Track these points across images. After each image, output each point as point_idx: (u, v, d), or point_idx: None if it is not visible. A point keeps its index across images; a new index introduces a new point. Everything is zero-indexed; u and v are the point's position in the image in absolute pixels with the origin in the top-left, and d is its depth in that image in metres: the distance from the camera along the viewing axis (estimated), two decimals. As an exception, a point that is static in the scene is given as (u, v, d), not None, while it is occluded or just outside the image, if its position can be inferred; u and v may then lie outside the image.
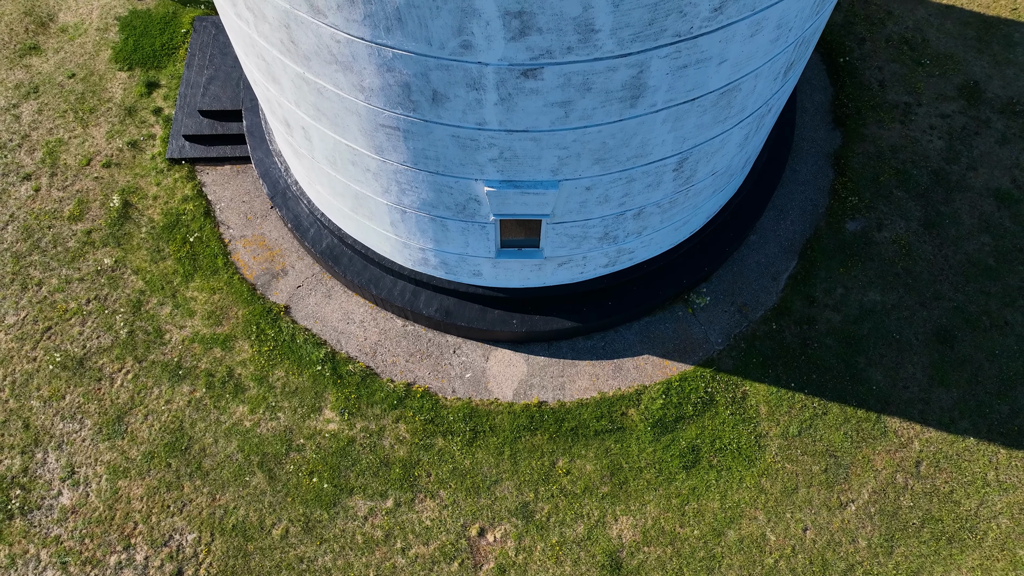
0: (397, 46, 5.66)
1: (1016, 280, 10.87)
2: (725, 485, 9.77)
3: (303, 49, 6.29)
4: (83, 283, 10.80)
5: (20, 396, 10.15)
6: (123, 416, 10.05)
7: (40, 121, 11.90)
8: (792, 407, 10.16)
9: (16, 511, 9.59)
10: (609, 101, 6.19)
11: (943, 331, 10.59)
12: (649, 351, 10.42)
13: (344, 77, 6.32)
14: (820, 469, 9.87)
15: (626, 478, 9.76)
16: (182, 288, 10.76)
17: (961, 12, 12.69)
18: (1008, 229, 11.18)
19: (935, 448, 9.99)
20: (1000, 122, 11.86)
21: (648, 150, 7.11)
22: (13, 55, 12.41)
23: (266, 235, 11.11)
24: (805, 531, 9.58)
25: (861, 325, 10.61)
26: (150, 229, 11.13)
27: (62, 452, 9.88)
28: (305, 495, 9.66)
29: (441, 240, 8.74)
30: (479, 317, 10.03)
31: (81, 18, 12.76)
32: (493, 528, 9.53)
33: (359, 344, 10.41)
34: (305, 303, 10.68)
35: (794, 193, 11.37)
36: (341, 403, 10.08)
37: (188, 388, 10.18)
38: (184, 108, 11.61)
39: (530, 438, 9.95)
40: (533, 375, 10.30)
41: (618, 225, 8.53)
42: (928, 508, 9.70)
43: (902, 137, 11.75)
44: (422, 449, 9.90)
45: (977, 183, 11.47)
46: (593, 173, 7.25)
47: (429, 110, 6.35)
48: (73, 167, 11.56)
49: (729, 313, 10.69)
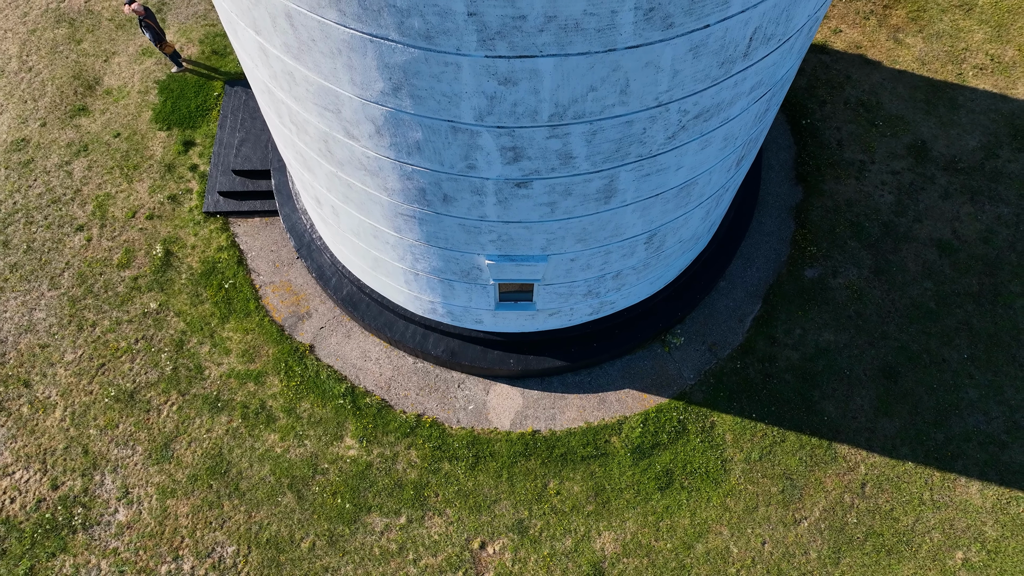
0: (416, 164, 7.12)
1: (954, 322, 12.33)
2: (695, 504, 11.23)
3: (337, 157, 7.75)
4: (132, 324, 12.26)
5: (79, 425, 11.62)
6: (169, 443, 11.51)
7: (90, 177, 13.37)
8: (754, 435, 11.62)
9: (79, 526, 11.05)
10: (587, 201, 7.66)
11: (888, 367, 12.05)
12: (630, 385, 11.87)
13: (371, 179, 7.79)
14: (778, 490, 11.32)
15: (608, 498, 11.22)
16: (219, 329, 12.23)
17: (912, 77, 14.16)
18: (948, 276, 12.63)
19: (878, 471, 11.45)
20: (943, 178, 13.32)
21: (621, 231, 8.58)
22: (64, 116, 13.87)
23: (292, 281, 12.58)
24: (764, 544, 11.03)
25: (816, 362, 12.07)
26: (189, 276, 12.60)
27: (117, 475, 11.34)
28: (329, 513, 11.11)
29: (448, 296, 10.19)
30: (480, 357, 11.49)
31: (124, 81, 14.23)
32: (492, 542, 10.99)
33: (375, 379, 11.87)
34: (327, 342, 12.14)
35: (759, 243, 12.83)
36: (360, 432, 11.54)
37: (226, 418, 11.64)
38: (218, 166, 13.07)
39: (525, 463, 11.41)
40: (528, 407, 11.76)
41: (600, 284, 9.99)
42: (871, 524, 11.15)
43: (856, 192, 13.22)
44: (431, 472, 11.35)
45: (922, 234, 12.93)
46: (576, 249, 8.71)
47: (440, 206, 7.81)
48: (120, 219, 13.03)
49: (700, 351, 12.15)
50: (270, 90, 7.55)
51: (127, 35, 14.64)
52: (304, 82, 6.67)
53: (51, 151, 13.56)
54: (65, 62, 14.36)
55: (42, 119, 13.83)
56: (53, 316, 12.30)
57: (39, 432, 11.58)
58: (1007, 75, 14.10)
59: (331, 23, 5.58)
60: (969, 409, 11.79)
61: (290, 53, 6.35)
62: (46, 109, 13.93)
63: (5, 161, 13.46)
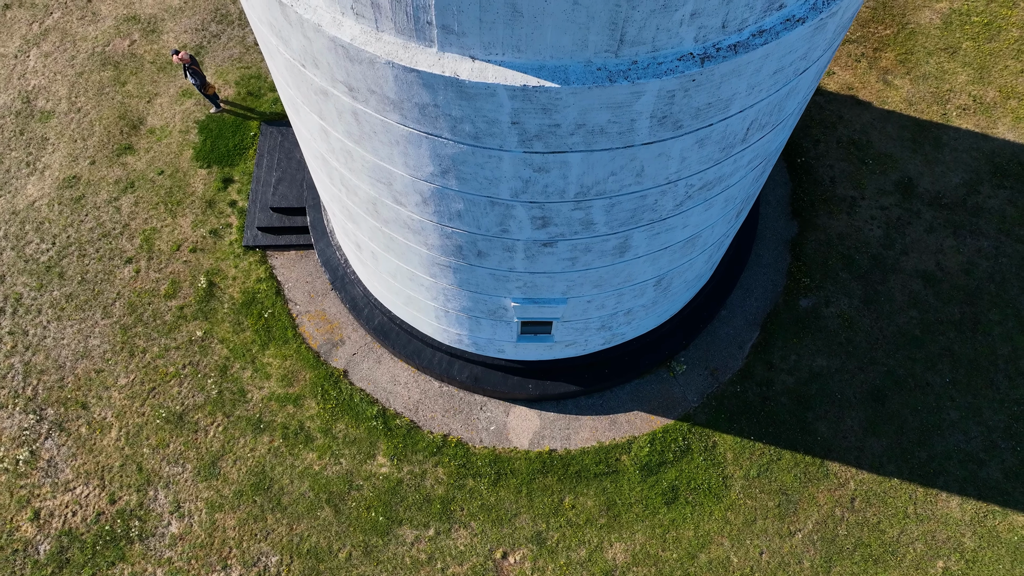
0: (456, 228, 8.16)
1: (937, 348, 13.36)
2: (698, 517, 12.26)
3: (383, 216, 8.79)
4: (179, 351, 13.31)
5: (133, 445, 12.67)
6: (216, 461, 12.56)
7: (137, 212, 14.42)
8: (753, 453, 12.65)
9: (135, 537, 12.10)
10: (603, 255, 8.70)
11: (876, 391, 13.08)
12: (638, 408, 12.91)
13: (413, 236, 8.83)
14: (774, 504, 12.36)
15: (619, 512, 12.25)
16: (259, 355, 13.28)
17: (900, 117, 15.19)
18: (932, 305, 13.66)
19: (867, 487, 12.48)
20: (928, 213, 14.35)
21: (633, 277, 9.62)
22: (111, 155, 14.93)
23: (326, 311, 13.62)
24: (761, 554, 12.06)
25: (810, 386, 13.11)
26: (231, 305, 13.65)
27: (169, 490, 12.39)
28: (364, 525, 12.16)
29: (474, 329, 11.23)
30: (502, 382, 12.53)
31: (166, 121, 15.29)
32: (513, 552, 12.03)
33: (404, 402, 12.92)
34: (360, 368, 13.19)
35: (758, 275, 13.87)
36: (391, 451, 12.58)
37: (268, 438, 12.69)
38: (256, 203, 14.12)
39: (542, 479, 12.45)
40: (544, 428, 12.80)
41: (612, 319, 11.03)
42: (859, 535, 12.18)
43: (848, 226, 14.25)
44: (456, 488, 12.39)
45: (908, 266, 13.96)
46: (592, 292, 9.75)
47: (474, 260, 8.85)
48: (166, 252, 14.08)
49: (703, 376, 13.19)
50: (324, 158, 8.60)
51: (168, 77, 15.69)
52: (361, 159, 7.72)
53: (100, 188, 14.62)
54: (111, 103, 15.42)
55: (91, 157, 14.89)
56: (107, 343, 13.35)
57: (97, 451, 12.63)
58: (988, 115, 15.13)
59: (393, 123, 6.62)
60: (950, 429, 12.82)
61: (351, 138, 7.40)
62: (95, 148, 14.99)
63: (58, 197, 14.52)
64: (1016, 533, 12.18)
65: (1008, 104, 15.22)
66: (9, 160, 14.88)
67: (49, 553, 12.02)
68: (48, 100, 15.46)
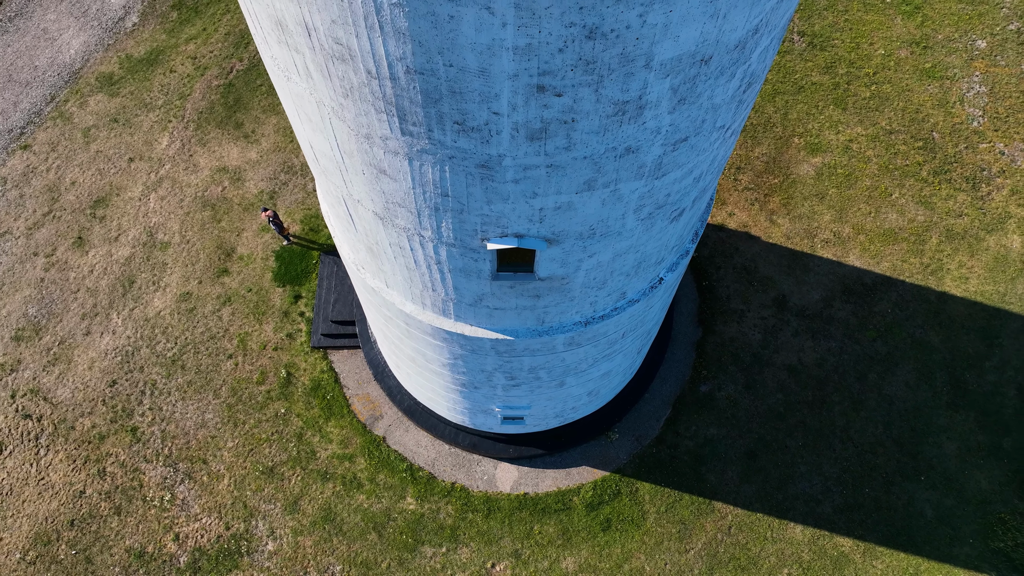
0: (461, 378, 14.02)
1: (794, 421, 19.23)
2: (624, 539, 18.13)
3: (418, 363, 14.65)
4: (268, 423, 19.20)
5: (239, 489, 18.54)
6: (297, 501, 18.43)
7: (234, 320, 20.31)
8: (663, 496, 18.52)
9: (244, 553, 17.97)
10: (551, 388, 14.55)
11: (750, 451, 18.95)
12: (585, 464, 18.79)
13: (436, 376, 14.68)
14: (676, 531, 18.23)
15: (570, 536, 18.12)
16: (324, 425, 19.16)
17: (780, 248, 21.07)
18: (793, 390, 19.54)
19: (740, 519, 18.34)
20: (795, 322, 20.24)
21: (572, 394, 15.47)
22: (213, 276, 20.83)
23: (370, 394, 19.51)
24: (666, 565, 17.92)
25: (704, 448, 18.98)
26: (303, 390, 19.54)
27: (265, 521, 18.26)
28: (398, 545, 18.02)
29: (472, 416, 17.11)
30: (491, 447, 18.41)
31: (251, 251, 21.19)
32: (499, 563, 17.89)
33: (425, 460, 18.80)
34: (394, 435, 19.07)
35: (671, 368, 19.76)
36: (416, 494, 18.45)
37: (331, 485, 18.56)
38: (319, 315, 20.01)
39: (519, 513, 18.32)
40: (521, 478, 18.68)
41: (563, 410, 16.90)
42: (733, 552, 18.04)
43: (737, 332, 20.14)
44: (460, 519, 18.26)
45: (778, 360, 19.84)
46: (547, 403, 15.61)
47: (472, 390, 14.71)
48: (255, 350, 19.98)
49: (631, 441, 19.06)
50: (384, 332, 14.45)
51: (251, 216, 21.59)
52: (409, 344, 13.59)
53: (206, 301, 20.52)
54: (211, 236, 21.33)
55: (199, 278, 20.79)
56: (218, 417, 19.24)
57: (215, 493, 18.51)
58: (843, 247, 21.02)
59: (428, 339, 12.49)
60: (799, 479, 18.69)
61: (403, 336, 13.27)
62: (201, 270, 20.89)
63: (177, 308, 20.42)
64: (838, 550, 18.05)
65: (858, 238, 21.11)
66: (140, 280, 20.78)
67: (186, 563, 17.90)
68: (165, 234, 21.37)
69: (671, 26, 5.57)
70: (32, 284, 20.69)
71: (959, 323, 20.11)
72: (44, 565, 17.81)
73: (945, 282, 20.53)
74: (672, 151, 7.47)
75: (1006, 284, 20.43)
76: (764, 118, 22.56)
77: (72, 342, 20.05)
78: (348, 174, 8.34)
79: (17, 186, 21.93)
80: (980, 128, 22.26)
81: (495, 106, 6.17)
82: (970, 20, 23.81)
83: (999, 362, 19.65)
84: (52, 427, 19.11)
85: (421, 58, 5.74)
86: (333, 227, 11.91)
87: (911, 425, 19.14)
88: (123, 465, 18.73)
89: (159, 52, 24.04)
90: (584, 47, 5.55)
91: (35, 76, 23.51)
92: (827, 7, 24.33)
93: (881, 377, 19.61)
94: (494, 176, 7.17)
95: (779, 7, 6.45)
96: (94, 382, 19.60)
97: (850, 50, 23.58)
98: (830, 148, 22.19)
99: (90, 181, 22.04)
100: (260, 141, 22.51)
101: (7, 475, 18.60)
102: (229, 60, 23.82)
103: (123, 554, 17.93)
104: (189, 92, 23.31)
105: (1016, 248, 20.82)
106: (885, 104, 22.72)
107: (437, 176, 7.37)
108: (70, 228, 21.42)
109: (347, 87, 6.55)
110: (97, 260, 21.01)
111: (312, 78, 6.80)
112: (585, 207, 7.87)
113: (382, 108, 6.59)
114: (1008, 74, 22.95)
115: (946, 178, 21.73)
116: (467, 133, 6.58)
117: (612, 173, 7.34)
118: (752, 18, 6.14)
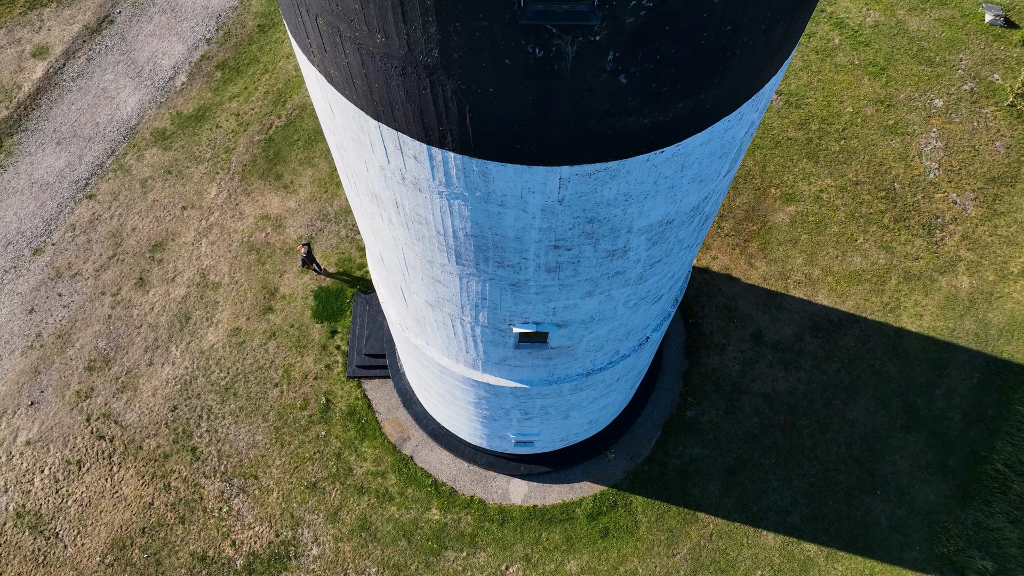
0: (483, 414, 16.90)
1: (768, 442, 22.07)
2: (620, 545, 20.98)
3: (445, 398, 17.52)
4: (310, 444, 22.06)
5: (287, 502, 21.42)
6: (337, 512, 21.30)
7: (278, 353, 23.19)
8: (654, 508, 21.37)
9: (292, 556, 20.83)
10: (558, 419, 17.42)
11: (730, 469, 21.79)
12: (586, 479, 21.64)
13: (460, 408, 17.55)
14: (665, 538, 21.07)
15: (573, 542, 20.98)
16: (359, 446, 22.02)
17: (757, 288, 23.94)
18: (767, 414, 22.39)
19: (721, 528, 21.18)
20: (770, 354, 23.09)
21: (576, 423, 18.34)
22: (259, 313, 23.71)
23: (399, 418, 22.38)
24: (656, 568, 20.77)
25: (690, 466, 21.83)
26: (341, 415, 22.41)
27: (310, 529, 21.13)
28: (425, 550, 20.87)
29: (490, 439, 19.96)
30: (505, 465, 21.28)
31: (292, 290, 24.07)
32: (512, 566, 20.74)
33: (447, 476, 21.66)
34: (420, 454, 21.93)
35: (662, 395, 22.62)
36: (440, 506, 21.31)
37: (367, 499, 21.43)
38: (354, 348, 22.88)
39: (529, 523, 21.18)
40: (531, 492, 21.53)
41: (567, 434, 19.76)
42: (714, 556, 20.88)
43: (719, 363, 22.99)
44: (478, 528, 21.12)
45: (755, 389, 22.69)
46: (554, 430, 18.48)
47: (490, 420, 17.58)
48: (298, 379, 22.85)
49: (626, 459, 21.92)
50: (419, 374, 17.30)
51: (292, 259, 24.48)
52: (438, 382, 16.45)
53: (254, 336, 23.40)
54: (256, 277, 24.21)
55: (247, 315, 23.68)
56: (267, 439, 22.11)
57: (266, 505, 21.38)
58: (813, 287, 23.88)
59: (459, 384, 15.36)
60: (772, 493, 21.54)
61: (435, 379, 16.13)
62: (248, 308, 23.77)
63: (228, 342, 23.30)
64: (805, 554, 20.90)
65: (826, 279, 23.98)
66: (196, 316, 23.67)
67: (242, 566, 20.77)
68: (216, 275, 24.26)
69: (643, 212, 8.47)
70: (101, 320, 23.59)
71: (913, 355, 22.97)
72: (120, 567, 20.69)
73: (902, 319, 23.39)
74: (650, 268, 10.36)
75: (955, 320, 23.30)
76: (744, 171, 25.44)
77: (137, 372, 22.94)
78: (408, 277, 11.22)
79: (85, 232, 24.84)
80: (936, 179, 25.14)
81: (524, 254, 9.06)
82: (929, 80, 26.71)
83: (947, 390, 22.52)
84: (123, 447, 22.00)
85: (476, 229, 8.64)
86: (383, 296, 14.79)
87: (870, 445, 21.99)
88: (185, 480, 21.61)
89: (206, 109, 26.97)
90: (586, 227, 8.45)
91: (97, 131, 26.43)
92: (802, 68, 27.24)
93: (844, 403, 22.48)
94: (521, 291, 10.06)
95: (724, 181, 9.34)
96: (157, 407, 22.48)
97: (822, 107, 26.47)
98: (803, 198, 25.06)
99: (148, 227, 24.95)
100: (298, 191, 25.42)
101: (86, 488, 21.49)
102: (268, 117, 26.74)
103: (187, 558, 20.80)
104: (234, 146, 26.23)
105: (965, 288, 23.69)
106: (852, 157, 25.60)
107: (479, 288, 10.26)
108: (132, 270, 24.33)
109: (419, 235, 9.44)
110: (157, 299, 23.91)
111: (393, 225, 9.70)
112: (586, 306, 10.76)
113: (443, 249, 9.48)
114: (961, 130, 25.84)
115: (905, 225, 24.61)
116: (503, 267, 9.46)
117: (606, 286, 10.23)
118: (701, 193, 9.03)
